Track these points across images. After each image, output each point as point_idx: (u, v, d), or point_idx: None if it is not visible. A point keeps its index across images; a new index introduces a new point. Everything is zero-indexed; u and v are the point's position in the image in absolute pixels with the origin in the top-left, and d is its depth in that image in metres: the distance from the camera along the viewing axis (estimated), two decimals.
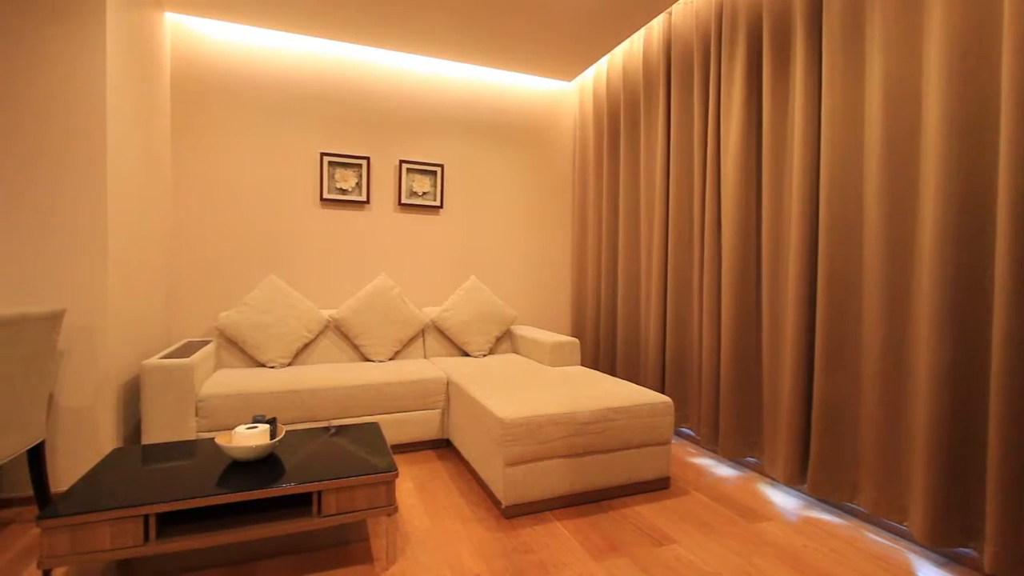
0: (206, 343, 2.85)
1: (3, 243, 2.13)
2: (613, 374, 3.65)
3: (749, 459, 2.69)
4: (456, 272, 3.77)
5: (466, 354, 3.44)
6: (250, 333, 2.90)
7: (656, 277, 3.15)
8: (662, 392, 3.15)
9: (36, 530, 1.99)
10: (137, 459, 1.83)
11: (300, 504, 1.74)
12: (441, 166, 3.66)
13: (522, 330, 3.59)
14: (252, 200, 3.24)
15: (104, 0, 2.21)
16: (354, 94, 3.45)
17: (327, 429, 2.17)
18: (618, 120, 3.64)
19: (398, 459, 2.75)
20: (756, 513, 2.16)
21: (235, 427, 2.46)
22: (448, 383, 2.85)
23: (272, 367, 2.92)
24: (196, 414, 2.40)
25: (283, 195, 3.31)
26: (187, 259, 3.13)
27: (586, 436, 2.18)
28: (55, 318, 1.96)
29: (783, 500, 2.28)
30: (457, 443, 2.68)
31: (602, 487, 2.24)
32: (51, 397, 2.20)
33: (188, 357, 2.41)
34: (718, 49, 2.73)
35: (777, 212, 2.43)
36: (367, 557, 1.80)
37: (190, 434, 2.38)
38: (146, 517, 1.50)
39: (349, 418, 2.67)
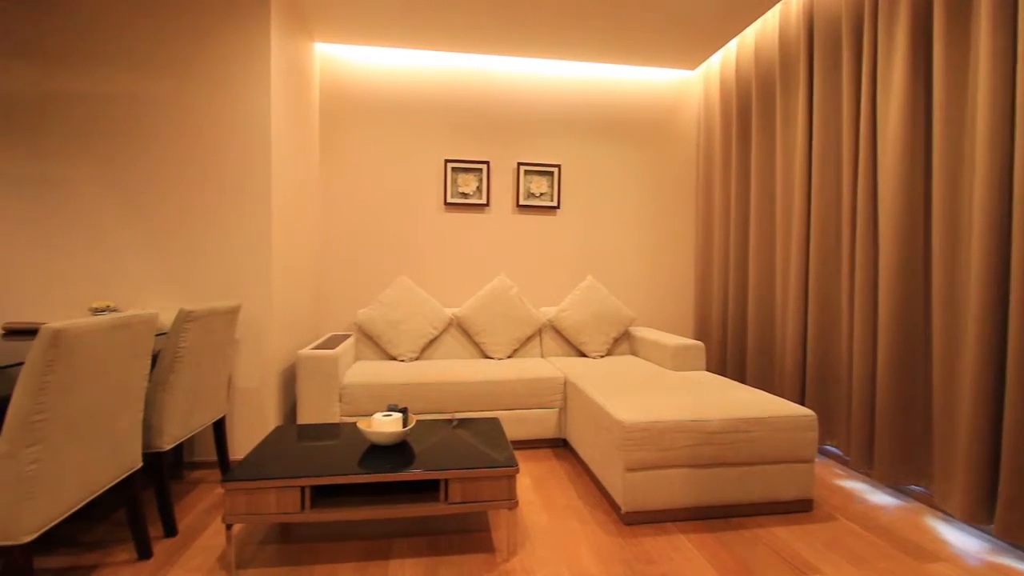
0: (347, 337, 3.16)
1: (194, 250, 2.56)
2: (743, 382, 3.38)
3: (913, 487, 2.32)
4: (573, 272, 3.76)
5: (583, 355, 3.41)
6: (383, 329, 3.16)
7: (795, 278, 2.85)
8: (802, 404, 2.84)
9: (220, 490, 2.36)
10: (294, 437, 2.08)
11: (428, 490, 1.86)
12: (558, 166, 3.67)
13: (641, 332, 3.47)
14: (385, 206, 3.54)
15: (269, 39, 2.56)
16: (475, 102, 3.60)
17: (450, 421, 2.29)
18: (749, 108, 3.37)
19: (516, 455, 2.81)
20: (924, 551, 1.85)
21: (372, 414, 2.70)
22: (566, 383, 2.85)
23: (402, 360, 3.15)
24: (340, 400, 2.67)
25: (412, 201, 3.56)
26: (331, 261, 3.50)
27: (714, 446, 2.04)
28: (234, 312, 2.31)
29: (960, 540, 1.93)
30: (574, 443, 2.67)
31: (731, 503, 2.08)
32: (230, 379, 2.59)
33: (333, 349, 2.69)
34: (873, 21, 2.39)
35: (953, 207, 2.06)
36: (488, 547, 1.86)
37: (335, 417, 2.65)
38: (303, 488, 1.70)
39: (470, 412, 2.79)
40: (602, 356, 3.37)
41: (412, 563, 1.77)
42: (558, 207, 3.69)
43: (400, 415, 1.97)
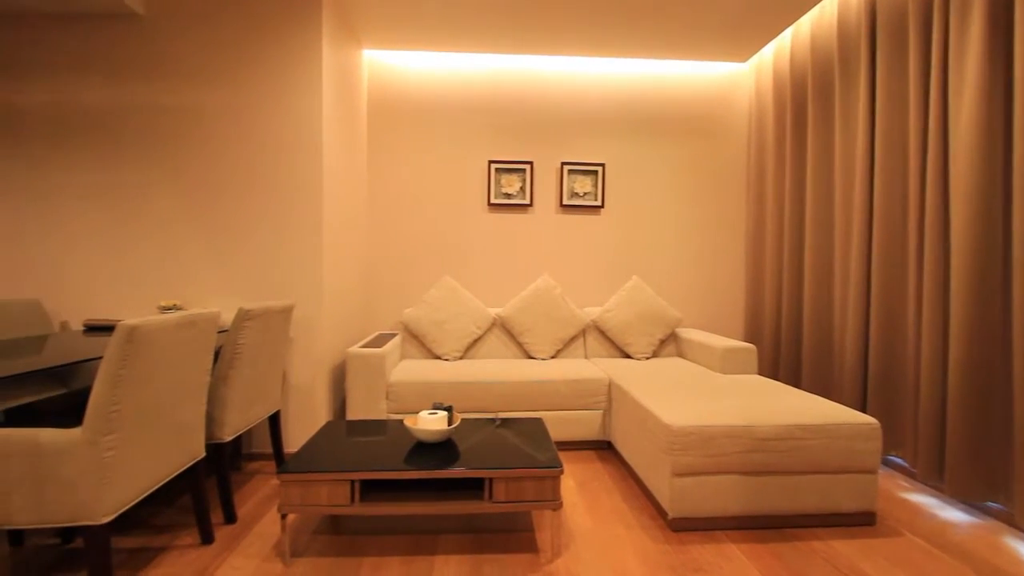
0: (393, 336, 3.24)
1: (252, 253, 2.68)
2: (797, 386, 3.24)
3: (990, 504, 2.15)
4: (617, 272, 3.70)
5: (627, 356, 3.36)
6: (428, 328, 3.21)
7: (856, 279, 2.70)
8: (863, 411, 2.69)
9: (275, 481, 2.46)
10: (343, 432, 2.15)
11: (473, 488, 1.87)
12: (602, 165, 3.63)
13: (689, 333, 3.38)
14: (430, 208, 3.60)
15: (321, 50, 2.66)
16: (518, 103, 3.61)
17: (493, 420, 2.30)
18: (805, 102, 3.22)
19: (559, 456, 2.80)
20: (1003, 574, 1.71)
21: (418, 411, 2.75)
22: (610, 384, 2.82)
23: (447, 360, 3.19)
24: (386, 397, 2.73)
25: (456, 202, 3.61)
26: (378, 262, 3.60)
27: (766, 454, 1.96)
28: (288, 311, 2.41)
29: None
30: (619, 446, 2.63)
31: (786, 513, 1.99)
32: (284, 375, 2.71)
33: (380, 348, 2.76)
34: (944, 10, 2.23)
35: None
36: (532, 547, 1.86)
37: (382, 414, 2.72)
38: (353, 482, 1.75)
39: (513, 412, 2.80)
40: (647, 358, 3.30)
41: (457, 560, 1.79)
42: (602, 206, 3.65)
43: (445, 413, 2.00)
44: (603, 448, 2.92)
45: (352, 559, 1.79)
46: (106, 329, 2.40)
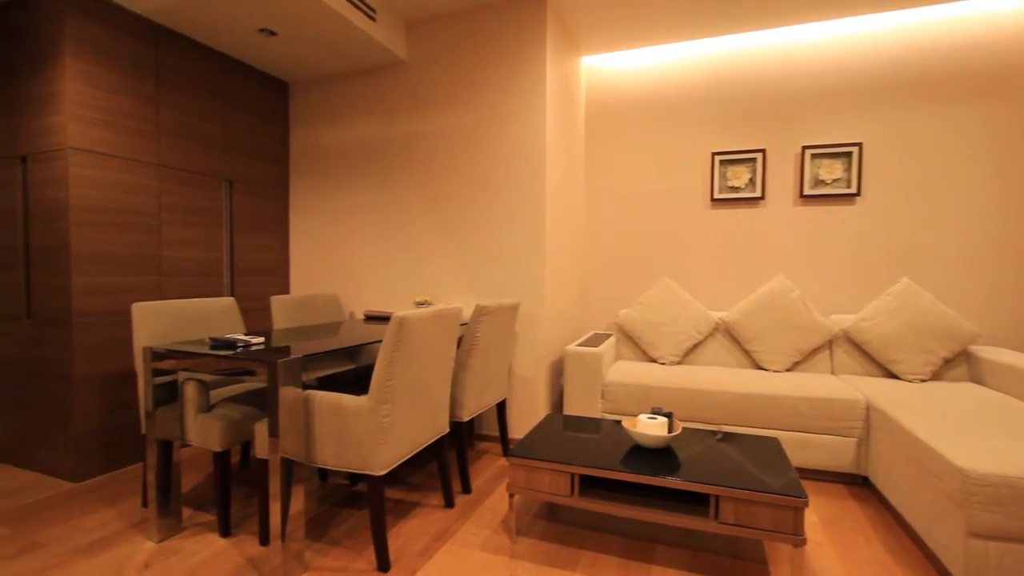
0: (608, 336, 3.26)
1: (485, 256, 3.00)
2: None
3: None
4: (878, 273, 3.05)
5: (893, 375, 2.74)
6: (644, 330, 3.14)
7: None
8: None
9: (501, 462, 2.71)
10: (562, 425, 2.24)
11: (694, 502, 1.75)
12: (858, 145, 3.03)
13: (991, 352, 2.59)
14: (647, 207, 3.51)
15: (545, 62, 2.82)
16: (744, 86, 3.26)
17: (714, 433, 2.12)
18: None
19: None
20: None
21: (632, 413, 2.71)
22: (868, 408, 2.34)
23: (663, 363, 3.07)
24: (602, 397, 2.76)
25: (675, 200, 3.44)
26: (594, 262, 3.66)
27: None
28: (515, 309, 2.62)
29: None
30: (881, 485, 2.15)
31: None
32: (510, 367, 2.96)
33: (596, 347, 2.81)
34: None
35: None
36: None
37: (596, 412, 2.76)
38: (572, 475, 1.81)
39: (738, 426, 2.54)
40: (923, 380, 2.64)
41: (676, 575, 1.70)
42: (857, 194, 3.05)
43: (665, 419, 1.92)
44: (856, 484, 2.43)
45: (571, 549, 1.85)
46: (379, 319, 2.97)
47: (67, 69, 2.35)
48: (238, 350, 1.77)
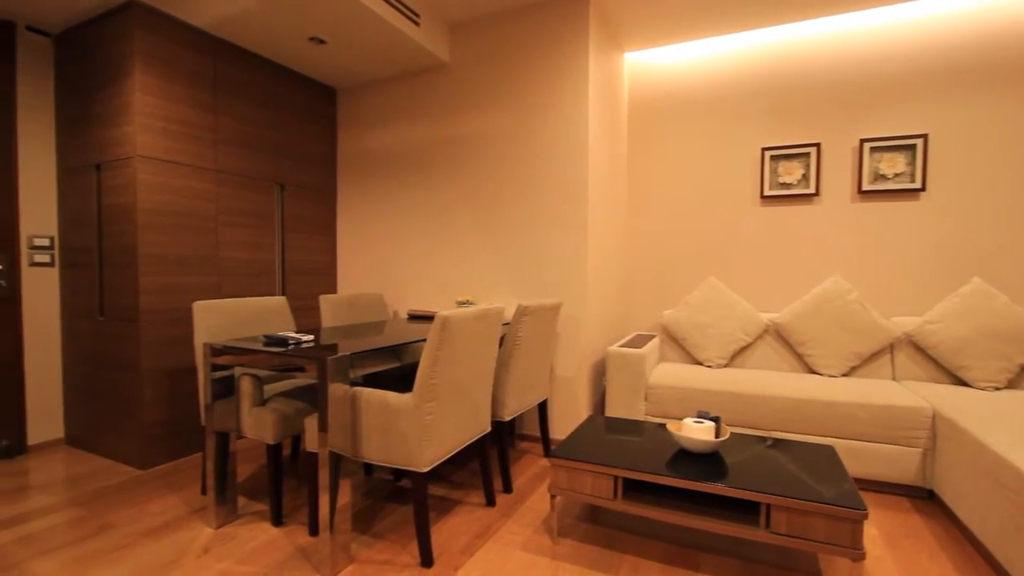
0: (651, 337, 3.19)
1: (527, 257, 3.00)
2: None
3: None
4: (945, 273, 2.85)
5: (962, 382, 2.56)
6: (689, 331, 3.06)
7: None
8: None
9: (543, 462, 2.70)
10: (604, 427, 2.21)
11: (742, 510, 1.69)
12: (923, 137, 2.85)
13: None
14: (693, 206, 3.42)
15: (588, 60, 2.80)
16: (796, 77, 3.12)
17: (764, 439, 2.04)
18: None
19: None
20: None
21: (677, 416, 2.64)
22: (935, 417, 2.19)
23: (709, 366, 2.98)
24: (644, 399, 2.71)
25: (721, 197, 3.33)
26: (637, 262, 3.59)
27: None
28: (556, 309, 2.61)
29: None
30: (949, 500, 2.02)
31: None
32: (552, 367, 2.95)
33: (639, 348, 2.75)
34: None
35: None
36: None
37: (639, 415, 2.71)
38: (615, 478, 1.78)
39: (789, 433, 2.43)
40: (998, 388, 2.45)
41: None
42: (922, 189, 2.86)
43: (712, 424, 1.86)
44: (921, 497, 2.29)
45: (613, 553, 1.82)
46: (422, 318, 3.02)
47: (136, 82, 2.51)
48: (290, 347, 1.84)
